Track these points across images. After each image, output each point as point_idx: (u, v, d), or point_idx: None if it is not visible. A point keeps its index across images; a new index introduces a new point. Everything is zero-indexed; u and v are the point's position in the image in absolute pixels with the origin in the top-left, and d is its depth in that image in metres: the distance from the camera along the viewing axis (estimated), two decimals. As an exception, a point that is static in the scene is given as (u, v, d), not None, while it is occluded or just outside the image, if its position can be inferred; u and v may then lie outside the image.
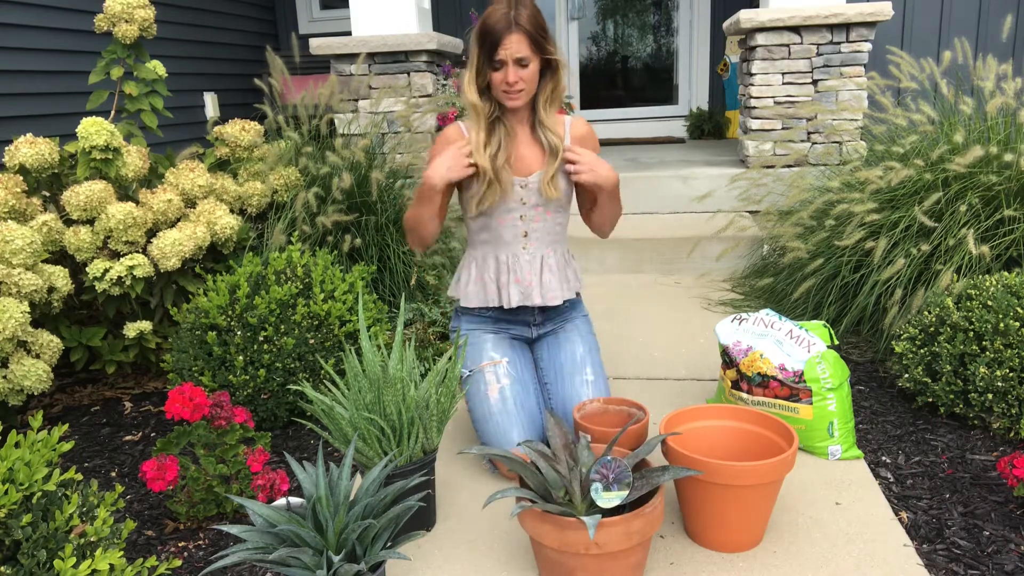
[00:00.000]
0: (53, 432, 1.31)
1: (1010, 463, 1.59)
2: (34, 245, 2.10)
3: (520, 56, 1.76)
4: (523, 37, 1.75)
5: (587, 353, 1.97)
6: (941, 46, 5.11)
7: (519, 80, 1.78)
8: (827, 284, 2.64)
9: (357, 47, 3.97)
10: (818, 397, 1.81)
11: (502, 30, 1.75)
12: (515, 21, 1.75)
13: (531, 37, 1.76)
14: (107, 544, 1.28)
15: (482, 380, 1.87)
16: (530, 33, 1.76)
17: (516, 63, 1.77)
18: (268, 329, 2.11)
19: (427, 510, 1.63)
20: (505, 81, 1.78)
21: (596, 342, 2.04)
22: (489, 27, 1.76)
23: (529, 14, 1.77)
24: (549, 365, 1.98)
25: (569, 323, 2.02)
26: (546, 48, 1.80)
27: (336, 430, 1.55)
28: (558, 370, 1.95)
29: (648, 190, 3.90)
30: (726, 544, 1.50)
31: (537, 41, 1.77)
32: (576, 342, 1.98)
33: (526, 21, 1.75)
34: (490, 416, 1.83)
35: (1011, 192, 2.46)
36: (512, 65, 1.77)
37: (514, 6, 1.76)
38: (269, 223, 2.86)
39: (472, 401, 1.89)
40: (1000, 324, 1.91)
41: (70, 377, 2.62)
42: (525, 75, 1.79)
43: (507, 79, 1.78)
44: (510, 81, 1.78)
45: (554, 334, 2.00)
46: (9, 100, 3.59)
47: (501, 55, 1.76)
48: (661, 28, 6.21)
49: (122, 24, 2.62)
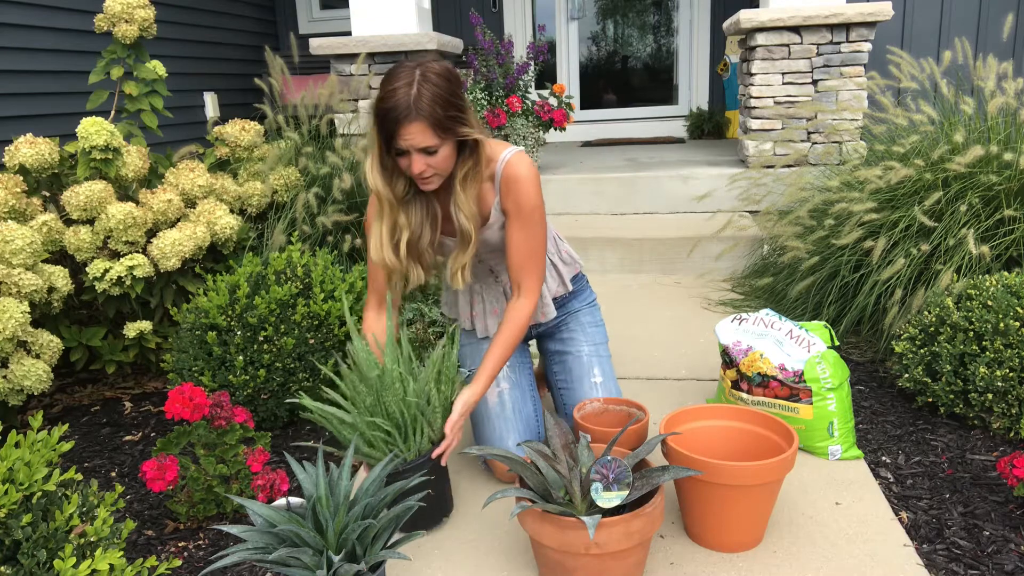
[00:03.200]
0: (53, 432, 1.31)
1: (1010, 463, 1.59)
2: (34, 245, 2.10)
3: (424, 146, 1.48)
4: (424, 126, 1.46)
5: (593, 354, 1.92)
6: (941, 46, 5.11)
7: (427, 168, 1.52)
8: (827, 284, 2.63)
9: (357, 47, 3.97)
10: (818, 397, 1.81)
11: (399, 117, 1.45)
12: (415, 106, 1.44)
13: (435, 123, 1.46)
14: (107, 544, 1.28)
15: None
16: (434, 119, 1.46)
17: (421, 152, 1.50)
18: (268, 329, 2.11)
19: (442, 497, 1.63)
20: (411, 170, 1.53)
21: (603, 334, 1.97)
22: (385, 111, 1.47)
23: (433, 94, 1.45)
24: (560, 368, 1.95)
25: (572, 319, 1.96)
26: (457, 130, 1.51)
27: (340, 435, 1.56)
28: (567, 375, 1.92)
29: (648, 190, 3.90)
30: (726, 544, 1.50)
31: (443, 125, 1.48)
32: (581, 343, 1.94)
33: (428, 104, 1.44)
34: (487, 420, 1.82)
35: (1011, 192, 2.46)
36: (417, 154, 1.50)
37: (415, 83, 1.45)
38: (269, 223, 2.86)
39: None
40: (1000, 324, 1.90)
41: (70, 377, 2.62)
42: (434, 162, 1.52)
43: (413, 169, 1.52)
44: (416, 172, 1.52)
45: (558, 332, 1.97)
46: (9, 100, 3.59)
47: (402, 144, 1.49)
48: (661, 28, 6.21)
49: (122, 24, 2.62)
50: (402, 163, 1.54)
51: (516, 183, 1.63)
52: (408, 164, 1.52)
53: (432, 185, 1.59)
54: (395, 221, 1.63)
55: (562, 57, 6.16)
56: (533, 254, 1.69)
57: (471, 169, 1.59)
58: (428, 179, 1.56)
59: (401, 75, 1.47)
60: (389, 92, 1.46)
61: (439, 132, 1.48)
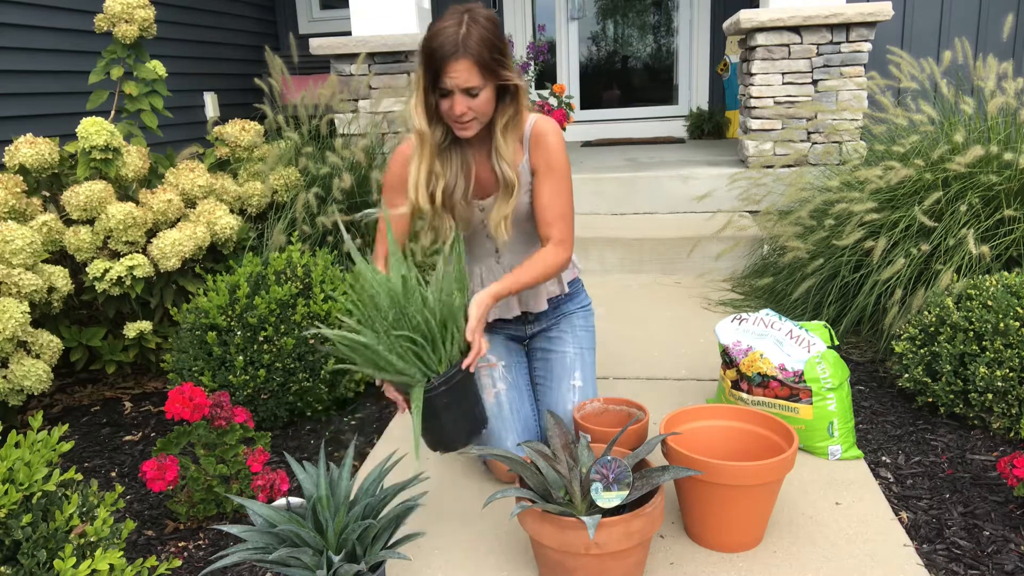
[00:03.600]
0: (53, 432, 1.31)
1: (1010, 463, 1.59)
2: (34, 245, 2.10)
3: (468, 86, 1.53)
4: (471, 64, 1.51)
5: (577, 356, 1.90)
6: (941, 46, 5.11)
7: (467, 111, 1.56)
8: (827, 284, 2.63)
9: (357, 47, 3.97)
10: (818, 397, 1.81)
11: (447, 55, 1.50)
12: (463, 44, 1.49)
13: (482, 63, 1.51)
14: (107, 544, 1.28)
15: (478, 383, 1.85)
16: (481, 59, 1.51)
17: (464, 92, 1.54)
18: (268, 329, 2.11)
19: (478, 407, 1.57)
20: (452, 111, 1.56)
21: (591, 339, 1.96)
22: (432, 49, 1.52)
23: (481, 35, 1.51)
24: (541, 366, 1.94)
25: (564, 320, 1.95)
26: (500, 73, 1.56)
27: (367, 361, 1.44)
28: (547, 373, 1.91)
29: (648, 190, 3.90)
30: (726, 544, 1.50)
31: (488, 67, 1.53)
32: (567, 343, 1.92)
33: (476, 44, 1.50)
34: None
35: (1011, 192, 2.46)
36: (460, 95, 1.54)
37: (464, 23, 1.51)
38: (269, 223, 2.86)
39: None
40: (1000, 324, 1.90)
41: (70, 377, 2.62)
42: (476, 105, 1.56)
43: (454, 110, 1.55)
44: (457, 113, 1.56)
45: (548, 332, 1.96)
46: (9, 100, 3.59)
47: (446, 83, 1.53)
48: (661, 28, 6.21)
49: (122, 24, 2.62)
50: (443, 106, 1.58)
51: (546, 138, 1.69)
52: (450, 106, 1.56)
53: (470, 130, 1.61)
54: (431, 168, 1.66)
55: (562, 57, 6.16)
56: (564, 209, 1.72)
57: (511, 118, 1.64)
58: (468, 123, 1.59)
59: (450, 16, 1.53)
60: (438, 31, 1.52)
61: (483, 73, 1.53)
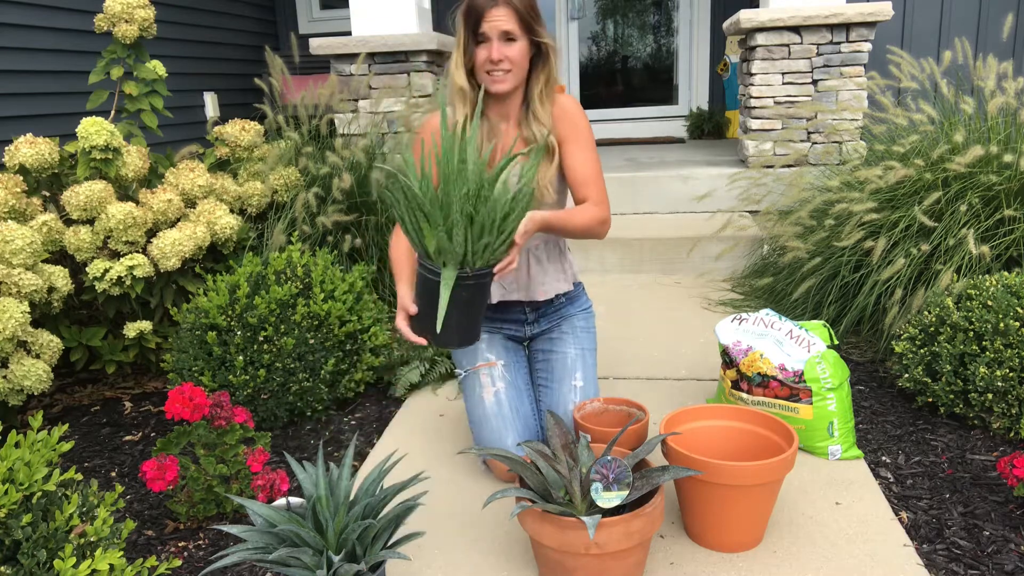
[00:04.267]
0: (53, 432, 1.31)
1: (1010, 463, 1.59)
2: (34, 245, 2.10)
3: (506, 29, 1.66)
4: (510, 11, 1.66)
5: (578, 357, 1.91)
6: (941, 46, 5.11)
7: (504, 59, 1.67)
8: (827, 284, 2.63)
9: (357, 47, 3.97)
10: (818, 397, 1.81)
11: (488, 3, 1.65)
12: None
13: (519, 13, 1.67)
14: (107, 544, 1.28)
15: (477, 382, 1.85)
16: (518, 8, 1.66)
17: (502, 37, 1.66)
18: (268, 329, 2.11)
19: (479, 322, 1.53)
20: (489, 59, 1.67)
21: (592, 340, 1.97)
22: (473, 2, 1.67)
23: None
24: (543, 367, 1.94)
25: (565, 322, 1.95)
26: (535, 29, 1.70)
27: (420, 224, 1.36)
28: (549, 373, 1.91)
29: (648, 190, 3.90)
30: (726, 544, 1.50)
31: (525, 20, 1.68)
32: (568, 344, 1.92)
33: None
34: (485, 420, 1.81)
35: (1011, 192, 2.46)
36: (497, 40, 1.67)
37: None
38: (269, 223, 2.86)
39: (468, 402, 1.87)
40: (1000, 324, 1.90)
41: (70, 377, 2.62)
42: (512, 53, 1.68)
43: (491, 56, 1.67)
44: (494, 58, 1.67)
45: (549, 334, 1.96)
46: (9, 100, 3.59)
47: (485, 28, 1.66)
48: (661, 28, 6.21)
49: (122, 24, 2.62)
50: (480, 56, 1.68)
51: (569, 108, 1.80)
52: (487, 54, 1.67)
53: (504, 83, 1.70)
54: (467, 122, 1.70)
55: (562, 57, 6.16)
56: (596, 171, 1.79)
57: (545, 83, 1.76)
58: (504, 74, 1.69)
59: None
60: None
61: (520, 23, 1.67)
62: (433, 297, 1.41)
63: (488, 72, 1.70)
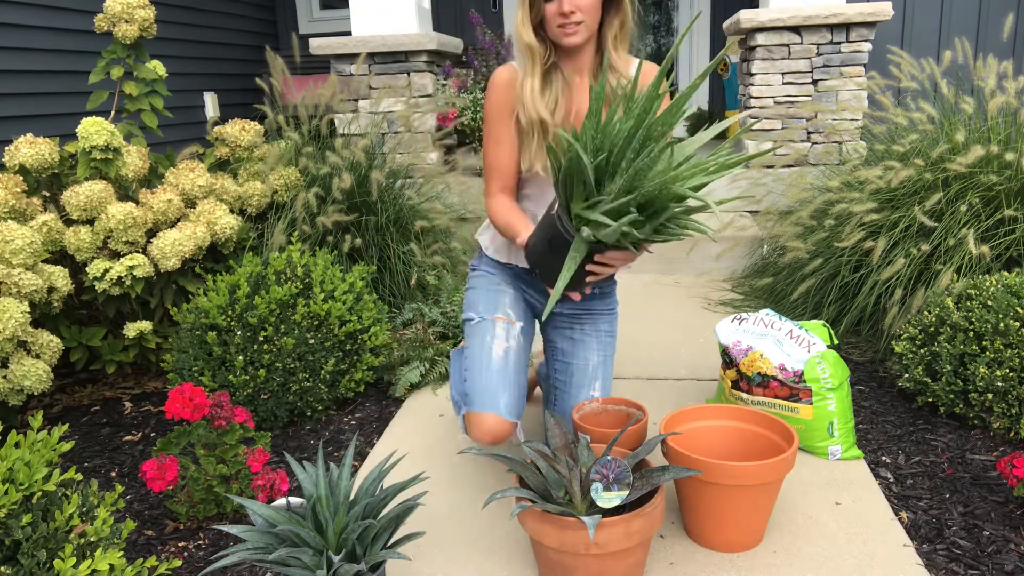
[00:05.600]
0: (53, 432, 1.31)
1: (1010, 463, 1.59)
2: (34, 245, 2.11)
3: None
4: None
5: (600, 364, 1.84)
6: (941, 46, 5.11)
7: (576, 10, 1.58)
8: (827, 284, 2.63)
9: (357, 47, 3.97)
10: (818, 397, 1.81)
11: None
12: None
13: None
14: (107, 544, 1.28)
15: (491, 331, 1.74)
16: None
17: None
18: (268, 329, 2.11)
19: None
20: (560, 12, 1.58)
21: (614, 345, 1.90)
22: None
23: None
24: (563, 368, 1.86)
25: (589, 321, 1.86)
26: None
27: (581, 177, 1.37)
28: (568, 377, 1.85)
29: (648, 190, 3.90)
30: (726, 544, 1.50)
31: None
32: (592, 349, 1.85)
33: None
34: (486, 370, 1.70)
35: (1011, 192, 2.46)
36: None
37: None
38: (269, 223, 2.86)
39: (472, 347, 1.76)
40: (1000, 324, 1.90)
41: (70, 377, 2.62)
42: (582, 3, 1.58)
43: (562, 8, 1.58)
44: (565, 11, 1.58)
45: (571, 326, 1.86)
46: (9, 100, 3.59)
47: None
48: (661, 28, 6.21)
49: (122, 24, 2.62)
50: (549, 10, 1.59)
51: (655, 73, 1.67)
52: (557, 7, 1.58)
53: (577, 35, 1.61)
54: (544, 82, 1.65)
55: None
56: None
57: (619, 29, 1.66)
58: (576, 26, 1.60)
59: None
60: None
61: None
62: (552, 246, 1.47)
63: (560, 26, 1.61)
